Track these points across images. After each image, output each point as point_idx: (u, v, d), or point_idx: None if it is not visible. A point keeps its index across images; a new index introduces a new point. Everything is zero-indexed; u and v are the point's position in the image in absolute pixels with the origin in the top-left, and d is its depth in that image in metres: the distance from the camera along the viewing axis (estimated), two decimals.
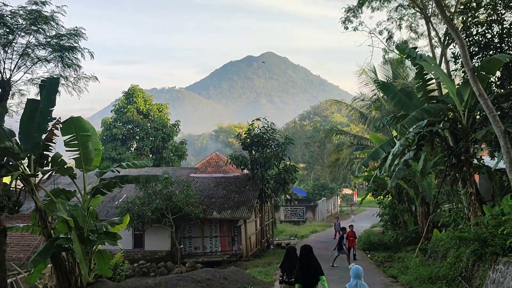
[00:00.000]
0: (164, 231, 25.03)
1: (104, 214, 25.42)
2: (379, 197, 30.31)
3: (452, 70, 19.29)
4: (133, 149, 40.73)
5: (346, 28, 29.03)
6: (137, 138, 40.58)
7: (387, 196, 29.65)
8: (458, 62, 17.96)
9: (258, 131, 28.66)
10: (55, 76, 13.77)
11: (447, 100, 16.65)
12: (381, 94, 36.75)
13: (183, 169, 31.33)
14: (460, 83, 16.53)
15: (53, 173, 14.52)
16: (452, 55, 18.17)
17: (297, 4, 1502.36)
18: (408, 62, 33.08)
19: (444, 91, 21.53)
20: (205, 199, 26.76)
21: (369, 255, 24.68)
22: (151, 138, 39.78)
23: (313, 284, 9.61)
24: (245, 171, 29.78)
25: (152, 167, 33.94)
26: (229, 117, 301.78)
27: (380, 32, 28.69)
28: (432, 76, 16.92)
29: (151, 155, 40.09)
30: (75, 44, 14.21)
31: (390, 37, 28.88)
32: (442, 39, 20.61)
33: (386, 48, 28.96)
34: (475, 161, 16.89)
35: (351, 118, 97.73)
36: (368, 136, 42.67)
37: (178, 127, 41.41)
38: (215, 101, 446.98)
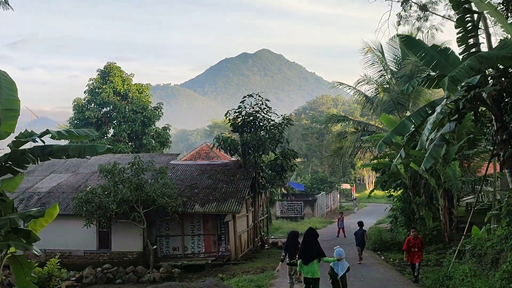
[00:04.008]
0: (136, 229, 20.56)
1: (63, 208, 20.99)
2: (389, 189, 26.65)
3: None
4: (109, 135, 35.91)
5: None
6: (114, 122, 35.73)
7: (398, 188, 25.95)
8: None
9: (251, 110, 24.17)
10: None
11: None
12: (389, 76, 33.38)
13: (161, 156, 26.78)
14: None
15: None
16: None
17: (293, 1, 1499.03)
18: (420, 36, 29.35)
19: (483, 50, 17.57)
20: (186, 190, 22.29)
21: (382, 257, 20.88)
22: (129, 123, 34.86)
23: (310, 260, 10.52)
24: (234, 158, 25.44)
25: (127, 154, 29.44)
26: (224, 114, 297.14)
27: None
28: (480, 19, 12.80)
29: (129, 142, 35.28)
30: None
31: (405, 0, 24.91)
32: None
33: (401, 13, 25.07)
34: None
35: (348, 112, 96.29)
36: (374, 122, 39.24)
37: (160, 111, 36.37)
38: (210, 98, 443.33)
